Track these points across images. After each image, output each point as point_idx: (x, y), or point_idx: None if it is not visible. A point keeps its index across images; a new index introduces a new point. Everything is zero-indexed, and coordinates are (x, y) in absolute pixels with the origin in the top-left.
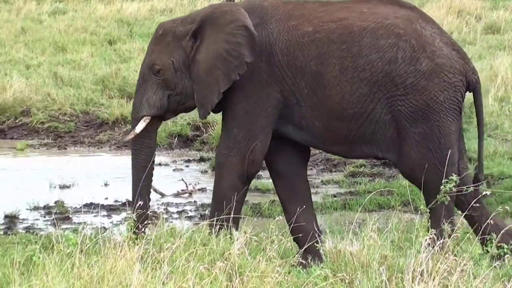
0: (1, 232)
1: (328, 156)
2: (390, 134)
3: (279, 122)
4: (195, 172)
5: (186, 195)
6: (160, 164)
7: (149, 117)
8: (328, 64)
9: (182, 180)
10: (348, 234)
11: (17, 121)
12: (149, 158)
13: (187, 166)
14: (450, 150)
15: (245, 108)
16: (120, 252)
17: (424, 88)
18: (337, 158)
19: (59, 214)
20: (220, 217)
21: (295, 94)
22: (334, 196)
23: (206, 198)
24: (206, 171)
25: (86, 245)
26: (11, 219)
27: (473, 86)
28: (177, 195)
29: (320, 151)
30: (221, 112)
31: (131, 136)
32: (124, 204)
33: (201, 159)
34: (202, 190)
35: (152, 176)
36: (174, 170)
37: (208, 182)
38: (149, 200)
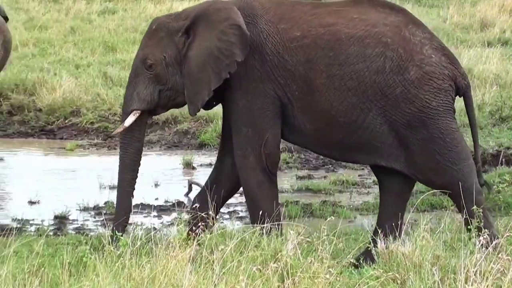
0: (51, 233)
1: None
2: (390, 143)
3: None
4: None
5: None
6: (211, 164)
7: (139, 111)
8: (316, 71)
9: None
10: (400, 234)
11: (66, 121)
12: (138, 152)
13: None
14: (458, 147)
15: (247, 105)
16: (172, 253)
17: (415, 96)
18: None
19: (109, 214)
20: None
21: (287, 94)
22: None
23: None
24: None
25: (137, 246)
26: (61, 220)
27: (463, 91)
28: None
29: None
30: (214, 110)
31: (120, 129)
32: (174, 205)
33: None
34: None
35: (138, 170)
36: None
37: None
38: (132, 198)
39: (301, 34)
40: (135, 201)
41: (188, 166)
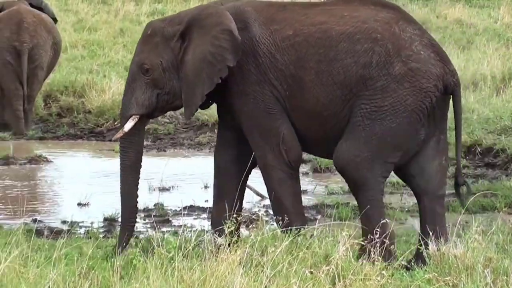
0: (101, 235)
1: None
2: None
3: None
4: None
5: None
6: None
7: (137, 116)
8: (305, 68)
9: None
10: (451, 236)
11: (116, 123)
12: (139, 155)
13: None
14: (390, 149)
15: (252, 110)
16: (222, 255)
17: (394, 91)
18: None
19: (159, 217)
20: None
21: (281, 94)
22: None
23: (307, 201)
24: (307, 173)
25: (187, 249)
26: (111, 222)
27: (451, 88)
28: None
29: None
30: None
31: (120, 134)
32: None
33: (302, 161)
34: (303, 192)
35: (140, 174)
36: None
37: (309, 184)
38: (137, 199)
39: (293, 33)
40: (185, 203)
41: None
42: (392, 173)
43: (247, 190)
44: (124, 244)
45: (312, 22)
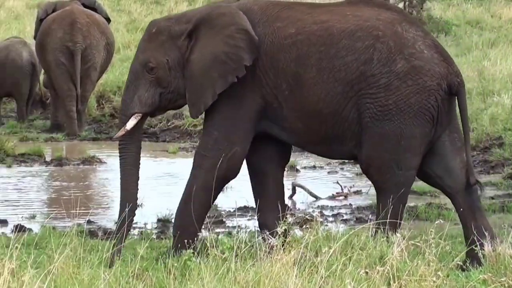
0: (155, 236)
1: (486, 157)
2: (356, 131)
3: (266, 124)
4: (350, 174)
5: (341, 198)
6: (314, 167)
7: (140, 114)
8: (306, 66)
9: (337, 182)
10: (507, 237)
11: (169, 124)
12: (138, 153)
13: (341, 169)
14: (409, 153)
15: (227, 112)
16: (276, 256)
17: (397, 88)
18: (494, 160)
19: (213, 217)
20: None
21: (277, 97)
22: (492, 198)
23: (362, 201)
24: (361, 174)
25: (241, 249)
26: (164, 223)
27: (455, 89)
28: (332, 198)
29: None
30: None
31: (121, 133)
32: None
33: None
34: (358, 192)
35: (139, 172)
36: (328, 172)
37: (364, 185)
38: (137, 198)
39: (296, 31)
40: (239, 204)
41: (292, 168)
42: None
43: (300, 190)
44: (121, 242)
45: (315, 21)
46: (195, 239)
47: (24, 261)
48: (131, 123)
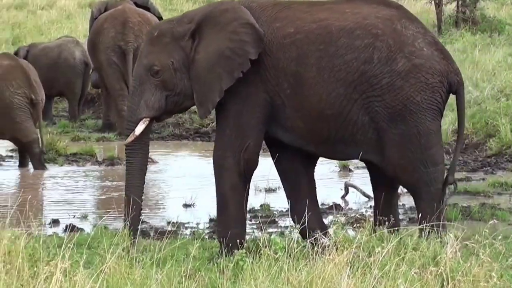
0: (207, 236)
1: None
2: (370, 135)
3: (269, 124)
4: None
5: None
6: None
7: (148, 119)
8: (306, 65)
9: None
10: None
11: None
12: (146, 157)
13: None
14: (432, 150)
15: (235, 108)
16: (329, 256)
17: (400, 88)
18: None
19: (265, 217)
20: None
21: (280, 94)
22: None
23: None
24: None
25: (293, 249)
26: (216, 223)
27: (455, 87)
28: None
29: None
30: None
31: (131, 138)
32: (331, 207)
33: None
34: None
35: (144, 177)
36: None
37: None
38: (141, 203)
39: (295, 30)
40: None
41: (345, 168)
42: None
43: (353, 190)
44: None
45: (313, 19)
46: (243, 238)
47: (76, 261)
48: (140, 128)
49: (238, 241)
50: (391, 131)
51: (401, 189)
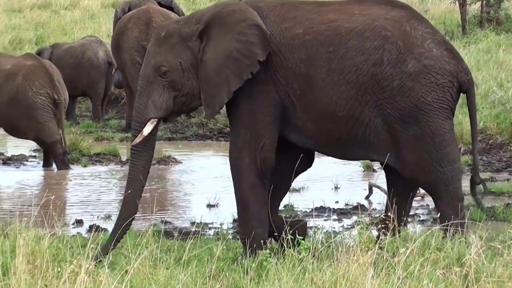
0: (230, 237)
1: None
2: (384, 137)
3: (283, 126)
4: None
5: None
6: None
7: (156, 120)
8: (316, 66)
9: None
10: None
11: None
12: (150, 159)
13: None
14: (447, 149)
15: (248, 108)
16: (353, 256)
17: (411, 89)
18: None
19: (289, 218)
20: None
21: (290, 95)
22: None
23: None
24: None
25: (317, 250)
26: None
27: (465, 87)
28: None
29: None
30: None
31: (139, 139)
32: (355, 208)
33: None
34: None
35: (146, 179)
36: None
37: None
38: (137, 204)
39: (303, 32)
40: (315, 204)
41: (369, 168)
42: None
43: (377, 190)
44: (112, 247)
45: (322, 20)
46: (266, 238)
47: (100, 261)
48: (147, 129)
49: (261, 241)
50: (405, 132)
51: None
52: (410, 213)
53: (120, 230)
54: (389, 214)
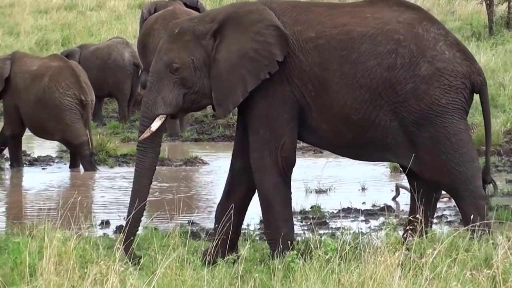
0: (257, 238)
1: None
2: (401, 139)
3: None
4: None
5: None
6: None
7: (164, 116)
8: (330, 70)
9: None
10: None
11: None
12: (157, 156)
13: None
14: (464, 148)
15: (265, 108)
16: (380, 257)
17: (425, 92)
18: None
19: (316, 219)
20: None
21: (304, 95)
22: None
23: None
24: None
25: (345, 251)
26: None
27: (478, 87)
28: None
29: None
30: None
31: (147, 135)
32: (382, 209)
33: None
34: None
35: (153, 176)
36: None
37: None
38: (146, 201)
39: (316, 35)
40: (343, 205)
41: (396, 169)
42: None
43: (404, 191)
44: (128, 248)
45: (334, 24)
46: (292, 239)
47: (127, 262)
48: (156, 125)
49: (288, 242)
50: (421, 134)
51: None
52: (438, 214)
53: (131, 229)
54: (416, 216)
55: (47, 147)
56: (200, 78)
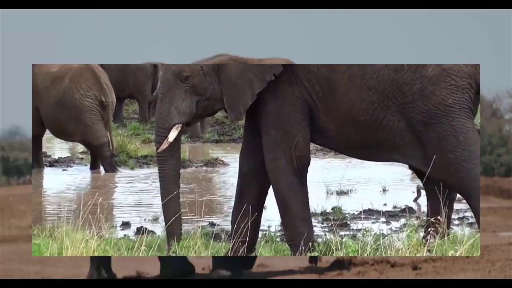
0: (278, 239)
1: None
2: (409, 140)
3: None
4: None
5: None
6: None
7: (180, 125)
8: (338, 72)
9: None
10: None
11: None
12: (179, 162)
13: None
14: (472, 147)
15: (276, 109)
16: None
17: (432, 93)
18: None
19: (337, 220)
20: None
21: (312, 96)
22: None
23: None
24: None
25: (366, 252)
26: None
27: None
28: (457, 201)
29: None
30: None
31: (165, 145)
32: (403, 210)
33: None
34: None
35: (179, 182)
36: None
37: None
38: (179, 205)
39: None
40: (364, 206)
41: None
42: None
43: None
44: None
45: None
46: (311, 238)
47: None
48: (173, 135)
49: (309, 242)
50: (429, 134)
51: None
52: (459, 216)
53: (177, 235)
54: (438, 217)
55: (67, 149)
56: (211, 83)
